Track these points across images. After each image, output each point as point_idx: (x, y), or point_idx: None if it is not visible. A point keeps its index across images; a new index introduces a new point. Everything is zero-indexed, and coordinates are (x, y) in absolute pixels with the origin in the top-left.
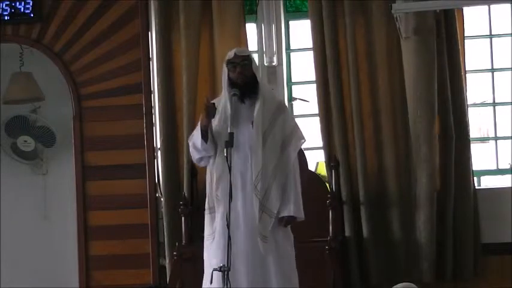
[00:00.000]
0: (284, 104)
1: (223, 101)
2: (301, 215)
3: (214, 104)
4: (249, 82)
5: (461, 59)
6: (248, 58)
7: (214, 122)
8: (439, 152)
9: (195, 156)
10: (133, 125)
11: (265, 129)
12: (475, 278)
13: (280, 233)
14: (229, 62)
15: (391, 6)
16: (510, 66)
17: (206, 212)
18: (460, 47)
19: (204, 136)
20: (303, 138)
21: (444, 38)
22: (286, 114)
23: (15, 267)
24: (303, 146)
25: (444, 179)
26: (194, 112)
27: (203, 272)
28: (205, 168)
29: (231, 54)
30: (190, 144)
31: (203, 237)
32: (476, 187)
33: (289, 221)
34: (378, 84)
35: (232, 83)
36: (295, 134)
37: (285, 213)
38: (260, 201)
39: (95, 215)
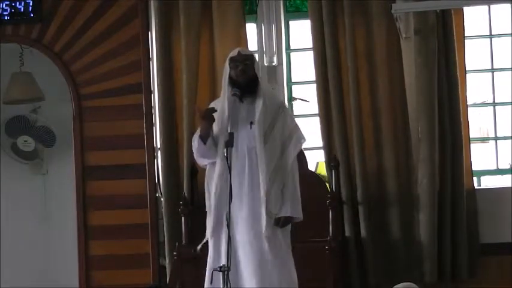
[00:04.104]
0: (285, 105)
1: (221, 101)
2: (298, 215)
3: (213, 108)
4: (250, 82)
5: (460, 58)
6: (251, 58)
7: (214, 125)
8: (439, 151)
9: (200, 163)
10: (133, 125)
11: (266, 130)
12: (474, 278)
13: (279, 233)
14: (232, 60)
15: (391, 6)
16: (510, 66)
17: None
18: (460, 46)
19: (204, 139)
20: (303, 138)
21: (442, 38)
22: (286, 115)
23: (15, 267)
24: (303, 146)
25: (444, 179)
26: (194, 112)
27: (203, 272)
28: (205, 168)
29: (234, 52)
30: (194, 152)
31: (203, 237)
32: (476, 187)
33: (286, 221)
34: (377, 84)
35: (232, 82)
36: (294, 135)
37: (281, 214)
38: (266, 202)
39: (95, 215)
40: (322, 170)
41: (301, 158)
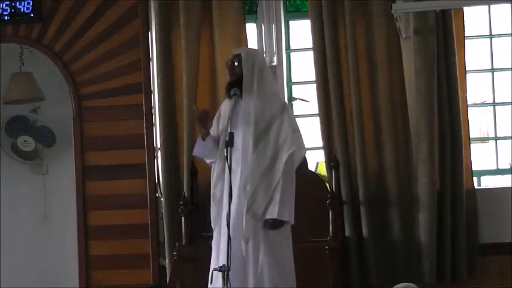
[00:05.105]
0: (286, 106)
1: (224, 102)
2: (285, 218)
3: (207, 111)
4: (239, 80)
5: (460, 58)
6: (238, 56)
7: (219, 127)
8: (439, 151)
9: (207, 161)
10: (133, 125)
11: (260, 131)
12: (474, 278)
13: (271, 235)
14: (228, 62)
15: (391, 6)
16: (510, 66)
17: None
18: (460, 46)
19: (203, 138)
20: (302, 147)
21: (442, 38)
22: (284, 118)
23: (15, 267)
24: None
25: (444, 179)
26: (193, 112)
27: (203, 272)
28: (205, 167)
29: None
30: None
31: (203, 237)
32: (476, 187)
33: (273, 224)
34: (378, 84)
35: (230, 82)
36: (289, 140)
37: (268, 216)
38: (247, 203)
39: (95, 215)
40: (322, 170)
41: None
